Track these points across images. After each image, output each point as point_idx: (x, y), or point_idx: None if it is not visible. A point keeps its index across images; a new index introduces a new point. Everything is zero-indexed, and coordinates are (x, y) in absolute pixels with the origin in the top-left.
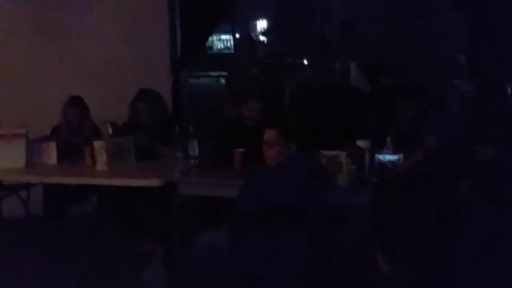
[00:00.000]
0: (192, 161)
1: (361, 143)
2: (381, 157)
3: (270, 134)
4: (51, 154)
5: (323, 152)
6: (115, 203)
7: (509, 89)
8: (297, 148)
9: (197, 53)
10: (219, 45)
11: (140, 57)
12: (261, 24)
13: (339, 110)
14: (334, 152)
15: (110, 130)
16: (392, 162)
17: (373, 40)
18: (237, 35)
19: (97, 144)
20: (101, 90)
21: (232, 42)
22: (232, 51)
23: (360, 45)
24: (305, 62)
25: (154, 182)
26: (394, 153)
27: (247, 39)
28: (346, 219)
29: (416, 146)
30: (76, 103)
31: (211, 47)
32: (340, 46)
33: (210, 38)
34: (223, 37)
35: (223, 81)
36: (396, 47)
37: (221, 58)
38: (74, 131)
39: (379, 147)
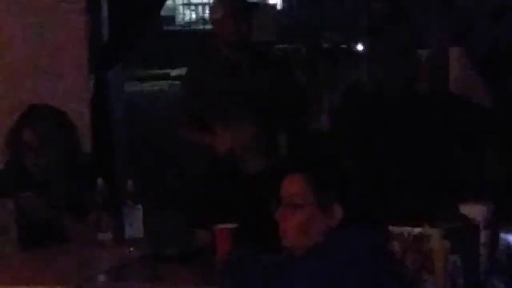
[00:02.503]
0: (131, 249)
1: (471, 209)
2: None
3: (293, 185)
4: None
5: (394, 228)
6: None
7: None
8: (344, 219)
9: (140, 31)
10: (189, 14)
11: (28, 43)
12: None
13: (425, 141)
14: (417, 230)
15: None
16: None
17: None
18: None
19: None
20: None
21: None
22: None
23: (467, 16)
24: (357, 47)
25: None
26: None
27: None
28: None
29: None
30: None
31: (171, 19)
32: (428, 15)
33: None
34: None
35: None
36: None
37: (194, 39)
38: None
39: (508, 218)
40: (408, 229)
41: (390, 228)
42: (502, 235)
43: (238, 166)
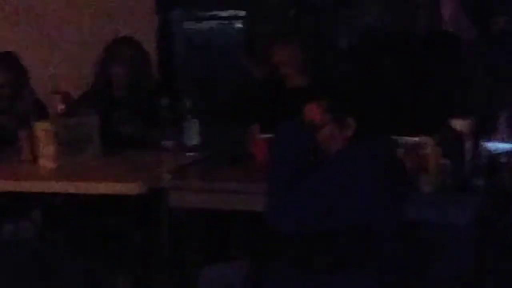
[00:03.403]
0: (191, 153)
1: (458, 123)
2: (491, 146)
3: (313, 111)
4: None
5: (398, 138)
6: (69, 220)
7: None
8: (358, 131)
9: None
10: None
11: None
12: None
13: (424, 71)
14: (415, 139)
15: (61, 106)
16: (510, 154)
17: None
18: None
19: (40, 127)
20: (47, 41)
21: None
22: None
23: None
24: None
25: (131, 188)
26: None
27: None
28: (434, 246)
29: None
30: (6, 64)
31: None
32: None
33: None
34: None
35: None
36: None
37: None
38: (4, 107)
39: (487, 131)
40: (409, 138)
41: (395, 137)
42: (482, 144)
43: (284, 81)
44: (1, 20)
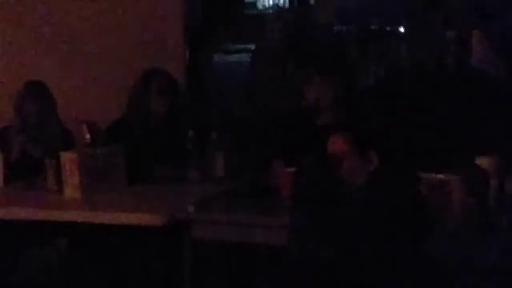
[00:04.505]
0: (215, 186)
1: (484, 161)
2: None
3: (335, 144)
4: None
5: (422, 174)
6: (94, 251)
7: None
8: (382, 166)
9: (228, 14)
10: (267, 1)
11: (134, 21)
12: None
13: (450, 106)
14: (440, 176)
15: (88, 136)
16: None
17: None
18: None
19: (66, 157)
20: (76, 73)
21: None
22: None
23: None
24: (401, 29)
25: (155, 220)
26: None
27: None
28: (458, 285)
29: None
30: (36, 94)
31: (253, 4)
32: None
33: None
34: None
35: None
36: None
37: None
38: (31, 136)
39: None
40: (433, 175)
41: (419, 174)
42: (508, 182)
43: (313, 117)
44: (34, 48)
